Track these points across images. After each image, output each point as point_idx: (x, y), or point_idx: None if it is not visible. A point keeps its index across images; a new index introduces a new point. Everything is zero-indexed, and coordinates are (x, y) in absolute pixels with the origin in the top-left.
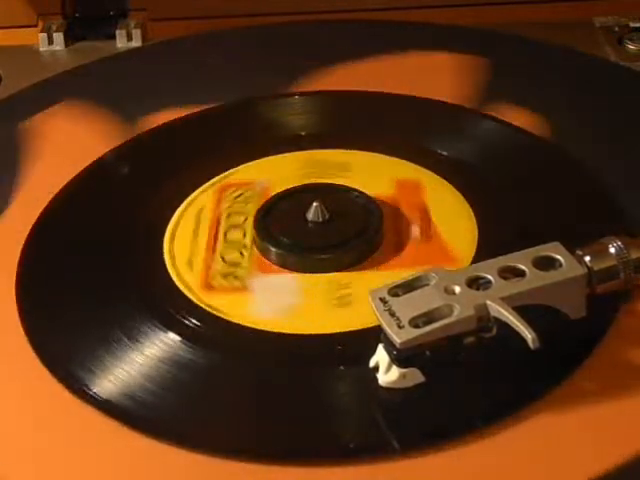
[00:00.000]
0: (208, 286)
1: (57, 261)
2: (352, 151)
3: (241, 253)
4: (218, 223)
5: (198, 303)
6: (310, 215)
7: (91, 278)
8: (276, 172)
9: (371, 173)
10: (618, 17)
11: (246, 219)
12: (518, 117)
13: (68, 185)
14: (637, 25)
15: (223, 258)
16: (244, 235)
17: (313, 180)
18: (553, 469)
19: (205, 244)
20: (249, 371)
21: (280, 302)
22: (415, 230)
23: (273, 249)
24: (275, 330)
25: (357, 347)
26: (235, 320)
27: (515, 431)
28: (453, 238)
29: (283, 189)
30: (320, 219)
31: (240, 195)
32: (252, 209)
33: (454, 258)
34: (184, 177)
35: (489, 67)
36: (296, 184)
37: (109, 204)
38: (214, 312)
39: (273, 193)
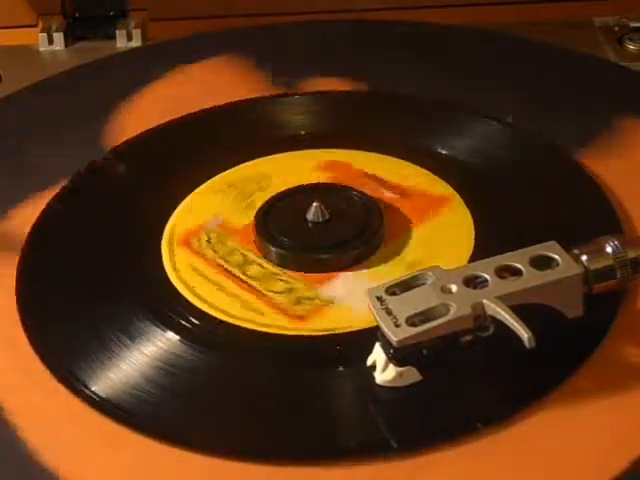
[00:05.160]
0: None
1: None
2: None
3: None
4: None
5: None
6: (310, 215)
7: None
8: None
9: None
10: (618, 17)
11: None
12: None
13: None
14: (637, 25)
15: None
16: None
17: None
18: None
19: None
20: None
21: None
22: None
23: (273, 249)
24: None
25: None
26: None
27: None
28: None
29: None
30: (320, 219)
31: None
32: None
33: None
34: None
35: None
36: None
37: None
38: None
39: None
